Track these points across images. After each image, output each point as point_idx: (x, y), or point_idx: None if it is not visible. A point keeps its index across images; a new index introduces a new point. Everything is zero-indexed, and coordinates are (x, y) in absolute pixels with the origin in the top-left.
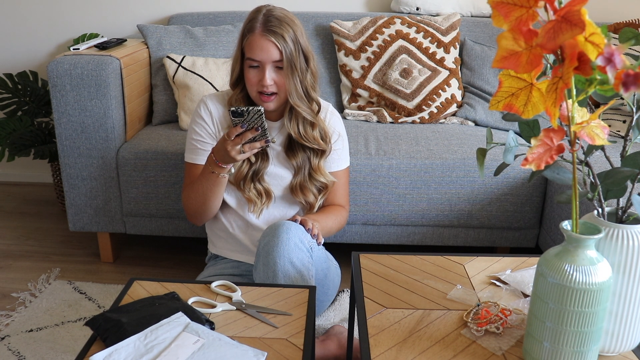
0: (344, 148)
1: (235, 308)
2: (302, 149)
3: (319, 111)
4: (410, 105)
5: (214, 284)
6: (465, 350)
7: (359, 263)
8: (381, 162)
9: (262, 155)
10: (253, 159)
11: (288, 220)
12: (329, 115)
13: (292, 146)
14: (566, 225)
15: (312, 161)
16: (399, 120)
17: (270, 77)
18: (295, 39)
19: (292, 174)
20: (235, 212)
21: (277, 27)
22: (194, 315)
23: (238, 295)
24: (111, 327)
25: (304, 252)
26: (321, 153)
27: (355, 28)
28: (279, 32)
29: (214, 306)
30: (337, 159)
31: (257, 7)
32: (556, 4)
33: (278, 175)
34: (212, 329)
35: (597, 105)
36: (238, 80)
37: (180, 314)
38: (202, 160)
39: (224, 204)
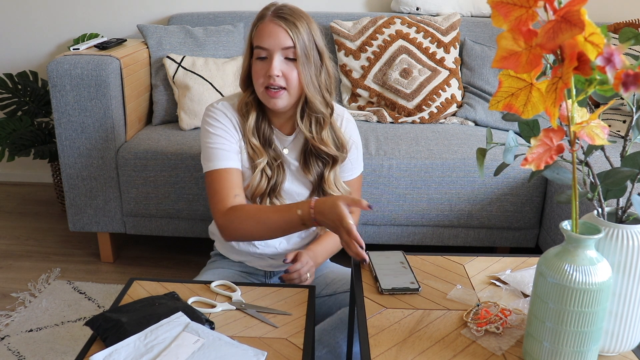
0: (358, 157)
1: (235, 308)
2: (316, 160)
3: (332, 114)
4: (410, 105)
5: (213, 284)
6: (465, 350)
7: (359, 263)
8: (381, 162)
9: (278, 169)
10: (269, 173)
11: (284, 264)
12: (345, 122)
13: (306, 159)
14: (566, 225)
15: (325, 173)
16: (399, 120)
17: (278, 66)
18: (310, 31)
19: (309, 191)
20: None
21: (288, 14)
22: (194, 315)
23: (238, 295)
24: (111, 327)
25: None
26: (333, 163)
27: (355, 28)
28: (291, 19)
29: (214, 306)
30: (351, 168)
31: (271, 2)
32: (556, 4)
33: (294, 191)
34: (212, 328)
35: (597, 105)
36: (248, 81)
37: (180, 313)
38: (231, 164)
39: None
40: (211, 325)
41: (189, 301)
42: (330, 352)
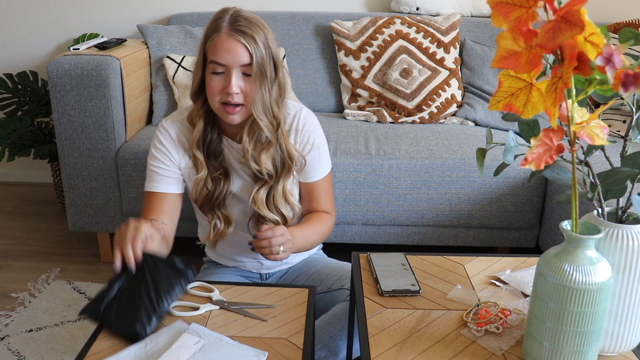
0: (321, 156)
1: (218, 307)
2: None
3: (277, 129)
4: (410, 105)
5: (188, 286)
6: (465, 350)
7: (358, 263)
8: (381, 162)
9: (219, 181)
10: (210, 186)
11: (255, 234)
12: (302, 125)
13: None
14: (566, 225)
15: (253, 189)
16: (399, 120)
17: (237, 83)
18: (267, 43)
19: None
20: (229, 236)
21: (246, 27)
22: (174, 267)
23: (217, 294)
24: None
25: None
26: (264, 184)
27: (355, 28)
28: (249, 32)
29: (197, 308)
30: (313, 170)
31: (223, 8)
32: (556, 4)
33: (244, 198)
34: (194, 274)
35: (597, 105)
36: (199, 92)
37: (180, 321)
38: (162, 188)
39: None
40: (192, 270)
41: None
42: (325, 348)
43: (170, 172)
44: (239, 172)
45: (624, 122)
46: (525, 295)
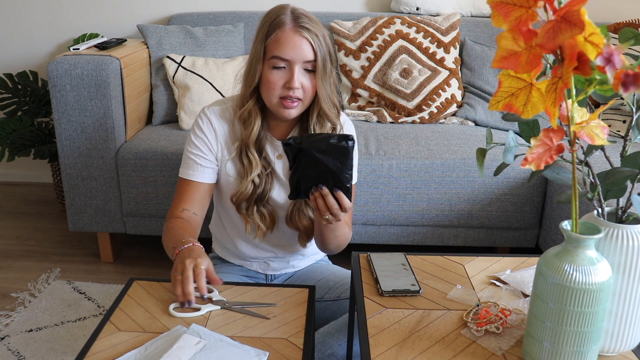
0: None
1: (219, 307)
2: None
3: (338, 115)
4: (410, 105)
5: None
6: (465, 350)
7: (358, 263)
8: (381, 162)
9: (267, 178)
10: (257, 182)
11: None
12: (339, 127)
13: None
14: (566, 225)
15: None
16: (399, 120)
17: (299, 79)
18: (325, 39)
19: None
20: (243, 234)
21: (309, 23)
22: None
23: (217, 294)
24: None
25: None
26: None
27: (355, 28)
28: (313, 29)
29: (198, 309)
30: None
31: (279, 5)
32: (556, 4)
33: (282, 199)
34: (352, 140)
35: (597, 105)
36: (254, 89)
37: (179, 326)
38: (198, 177)
39: (230, 221)
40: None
41: (171, 307)
42: (333, 355)
43: (207, 161)
44: (274, 169)
45: (624, 122)
46: (525, 295)
